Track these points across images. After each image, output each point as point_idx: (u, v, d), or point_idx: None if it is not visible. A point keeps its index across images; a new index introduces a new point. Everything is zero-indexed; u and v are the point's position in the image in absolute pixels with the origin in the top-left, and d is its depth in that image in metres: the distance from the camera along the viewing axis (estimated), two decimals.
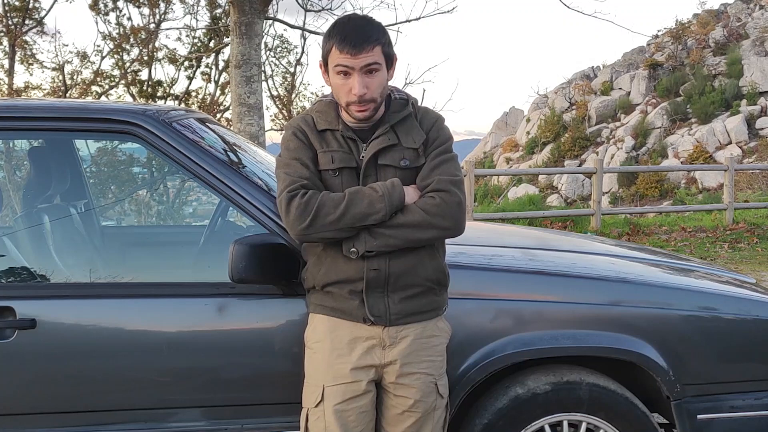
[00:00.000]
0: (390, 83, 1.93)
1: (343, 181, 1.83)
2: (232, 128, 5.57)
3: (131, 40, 13.98)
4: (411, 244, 1.80)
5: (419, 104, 1.96)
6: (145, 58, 14.13)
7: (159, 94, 14.08)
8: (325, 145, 1.85)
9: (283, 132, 1.94)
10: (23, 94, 13.37)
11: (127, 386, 2.00)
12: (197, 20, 15.75)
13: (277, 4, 9.32)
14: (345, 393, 1.82)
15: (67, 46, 40.18)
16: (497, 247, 2.59)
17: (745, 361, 2.26)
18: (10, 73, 13.29)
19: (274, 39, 15.49)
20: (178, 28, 17.03)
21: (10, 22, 13.21)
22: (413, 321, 1.86)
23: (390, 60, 1.84)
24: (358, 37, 1.75)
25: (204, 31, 14.17)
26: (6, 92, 13.16)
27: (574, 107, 31.95)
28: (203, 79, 14.93)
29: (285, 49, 15.73)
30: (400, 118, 1.87)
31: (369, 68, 1.77)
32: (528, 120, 34.21)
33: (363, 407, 1.84)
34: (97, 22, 13.87)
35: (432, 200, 1.80)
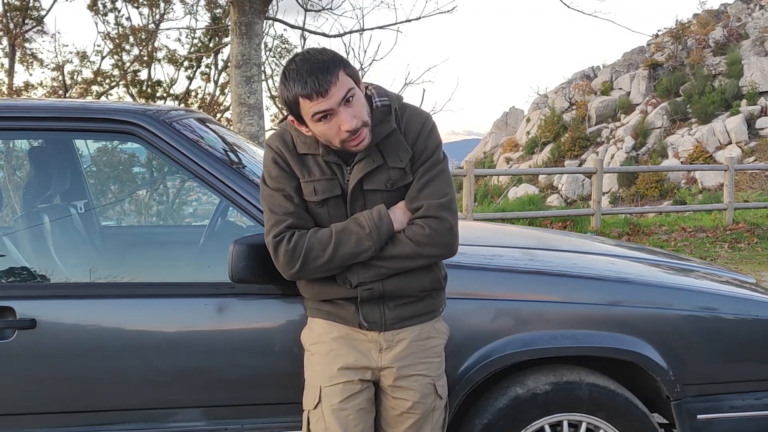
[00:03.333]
0: (377, 82, 1.88)
1: (329, 210, 1.79)
2: (232, 128, 5.57)
3: (131, 39, 13.98)
4: (404, 270, 1.79)
5: (403, 101, 1.85)
6: (145, 58, 14.13)
7: (158, 94, 14.08)
8: (306, 174, 1.77)
9: (264, 151, 1.86)
10: (23, 93, 13.38)
11: (127, 386, 1.99)
12: (197, 20, 15.75)
13: (277, 4, 9.32)
14: (342, 392, 1.82)
15: (67, 46, 40.26)
16: (497, 247, 2.59)
17: (745, 361, 2.26)
18: (10, 72, 13.29)
19: (273, 39, 15.50)
20: (178, 29, 17.03)
21: (9, 22, 13.21)
22: (409, 324, 1.86)
23: (355, 77, 1.71)
24: (319, 74, 1.62)
25: (203, 31, 14.18)
26: (6, 92, 13.16)
27: (574, 107, 31.96)
28: (203, 79, 14.94)
29: (285, 50, 15.74)
30: (384, 135, 1.76)
31: (346, 98, 1.66)
32: (528, 120, 34.23)
33: (361, 405, 1.84)
34: (96, 23, 13.88)
35: (422, 230, 1.76)
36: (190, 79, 14.68)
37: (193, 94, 14.85)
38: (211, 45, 14.19)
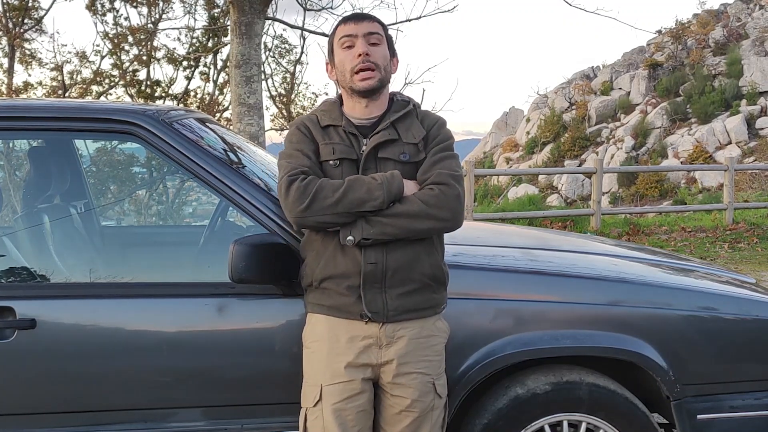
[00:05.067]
0: (390, 85, 1.95)
1: (343, 172, 1.86)
2: (232, 128, 5.56)
3: (129, 39, 13.98)
4: (408, 234, 1.81)
5: (421, 107, 2.01)
6: (144, 57, 14.13)
7: (157, 94, 14.07)
8: (327, 138, 1.90)
9: (289, 129, 2.00)
10: (22, 93, 13.37)
11: (127, 386, 2.00)
12: (195, 20, 15.73)
13: (277, 3, 9.32)
14: (343, 392, 1.82)
15: (65, 46, 40.24)
16: (497, 247, 2.59)
17: (745, 361, 2.26)
18: (10, 72, 13.29)
19: (273, 39, 15.49)
20: (176, 28, 17.02)
21: (9, 22, 13.20)
22: (411, 318, 1.86)
23: (390, 45, 1.94)
24: (361, 14, 1.93)
25: (202, 30, 14.17)
26: (5, 92, 13.16)
27: (574, 107, 31.94)
28: (202, 79, 14.93)
29: (285, 50, 15.73)
30: (401, 114, 1.92)
31: (371, 38, 1.87)
32: (528, 120, 34.22)
33: (361, 406, 1.84)
34: (95, 23, 13.88)
35: (431, 191, 1.82)
36: (189, 78, 14.68)
37: (192, 93, 14.85)
38: (210, 45, 14.18)
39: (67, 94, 13.62)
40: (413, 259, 1.84)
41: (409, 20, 8.87)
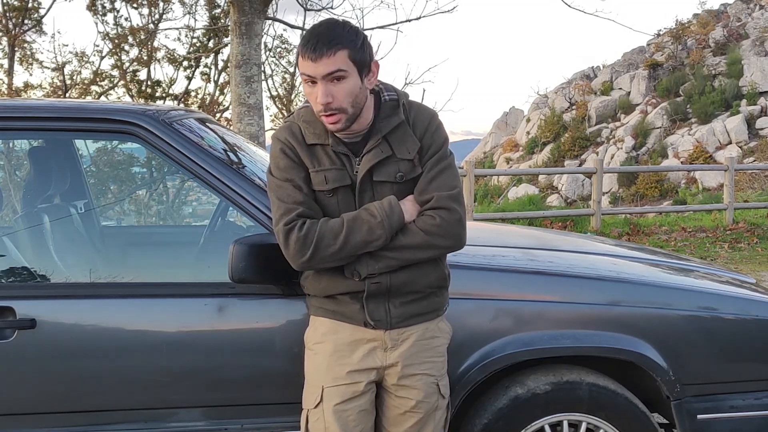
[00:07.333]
0: (385, 81, 1.88)
1: (338, 200, 1.79)
2: (232, 128, 5.56)
3: (130, 39, 13.98)
4: (412, 262, 1.79)
5: (410, 99, 1.88)
6: (144, 58, 14.13)
7: (158, 94, 14.07)
8: (316, 163, 1.78)
9: (271, 144, 1.87)
10: (22, 93, 13.37)
11: (127, 386, 2.00)
12: (195, 20, 15.72)
13: (277, 4, 9.31)
14: (344, 393, 1.82)
15: (66, 46, 40.28)
16: (497, 247, 2.59)
17: (745, 361, 2.26)
18: (10, 73, 13.29)
19: (273, 39, 15.51)
20: (177, 28, 17.03)
21: (9, 22, 13.21)
22: (414, 323, 1.86)
23: (362, 65, 1.72)
24: (320, 41, 1.66)
25: (203, 31, 14.18)
26: (5, 92, 13.16)
27: (574, 107, 31.96)
28: (202, 79, 14.94)
29: (285, 50, 15.75)
30: (392, 126, 1.79)
31: (332, 76, 1.67)
32: (528, 120, 34.23)
33: (362, 406, 1.84)
34: (96, 24, 13.89)
35: (432, 220, 1.77)
36: (189, 78, 14.69)
37: (193, 94, 14.86)
38: (210, 45, 14.18)
39: (67, 95, 13.62)
40: (418, 275, 1.82)
41: (409, 20, 8.86)
